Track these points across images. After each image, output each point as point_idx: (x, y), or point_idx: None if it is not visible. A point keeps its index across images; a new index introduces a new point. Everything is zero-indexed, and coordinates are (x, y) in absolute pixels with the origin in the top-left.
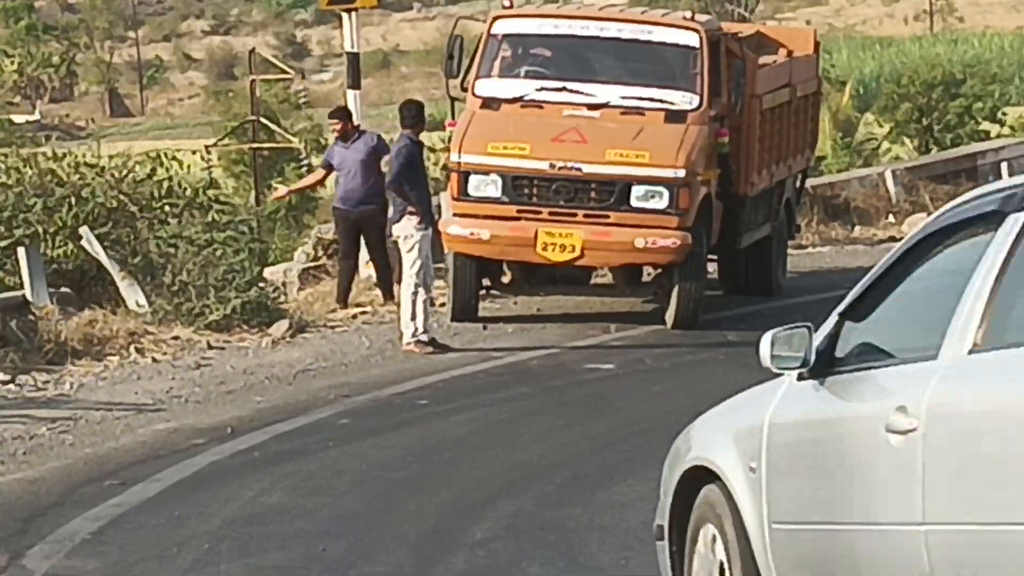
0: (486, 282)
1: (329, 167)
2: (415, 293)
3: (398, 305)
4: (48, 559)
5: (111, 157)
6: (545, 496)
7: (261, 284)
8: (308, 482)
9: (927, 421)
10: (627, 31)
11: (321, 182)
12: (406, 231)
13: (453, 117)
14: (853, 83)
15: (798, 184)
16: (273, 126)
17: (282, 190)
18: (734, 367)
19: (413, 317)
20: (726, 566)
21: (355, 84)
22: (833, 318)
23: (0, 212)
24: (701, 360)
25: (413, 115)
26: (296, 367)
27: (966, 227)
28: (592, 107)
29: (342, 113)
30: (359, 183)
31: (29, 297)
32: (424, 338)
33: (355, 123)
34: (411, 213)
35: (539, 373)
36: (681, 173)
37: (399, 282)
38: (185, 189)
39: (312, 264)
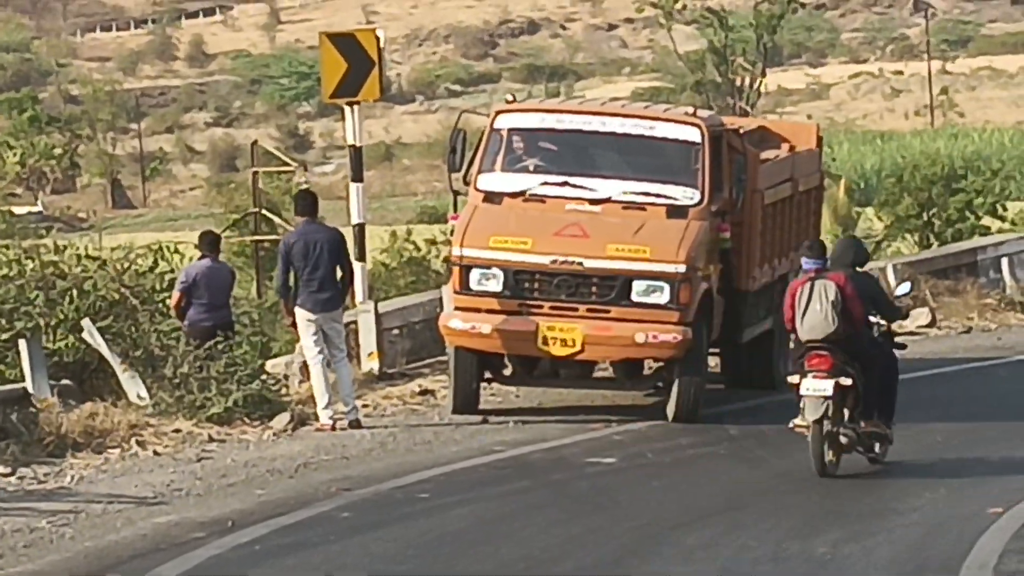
0: (487, 375)
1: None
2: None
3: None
4: None
5: (113, 249)
6: None
7: (263, 377)
8: None
9: None
10: (629, 126)
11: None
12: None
13: (455, 211)
14: (847, 179)
15: None
16: (275, 218)
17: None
18: (735, 461)
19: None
20: None
21: (357, 177)
22: None
23: (2, 304)
24: (702, 454)
25: (305, 205)
26: (297, 460)
27: None
28: (594, 202)
29: (208, 246)
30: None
31: (30, 389)
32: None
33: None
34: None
35: (540, 467)
36: (682, 268)
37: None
38: None
39: None
